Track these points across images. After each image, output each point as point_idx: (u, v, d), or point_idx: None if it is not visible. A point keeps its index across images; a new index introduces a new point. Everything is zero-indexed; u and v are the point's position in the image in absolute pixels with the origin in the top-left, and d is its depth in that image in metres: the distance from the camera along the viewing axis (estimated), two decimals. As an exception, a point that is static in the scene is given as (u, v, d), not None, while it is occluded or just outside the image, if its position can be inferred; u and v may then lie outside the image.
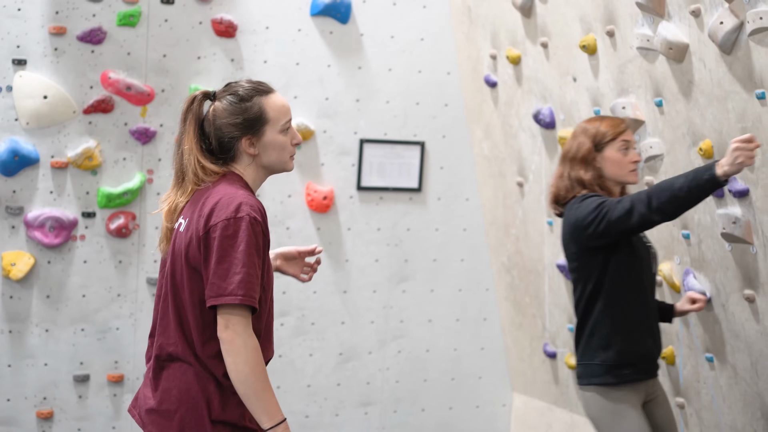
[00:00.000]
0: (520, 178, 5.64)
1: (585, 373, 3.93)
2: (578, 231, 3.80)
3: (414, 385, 6.09)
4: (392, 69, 5.93)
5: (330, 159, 5.85)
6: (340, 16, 5.77)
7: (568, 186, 3.92)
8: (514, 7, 5.28)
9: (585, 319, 3.90)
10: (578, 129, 4.03)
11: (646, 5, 4.32)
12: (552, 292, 5.57)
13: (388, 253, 6.01)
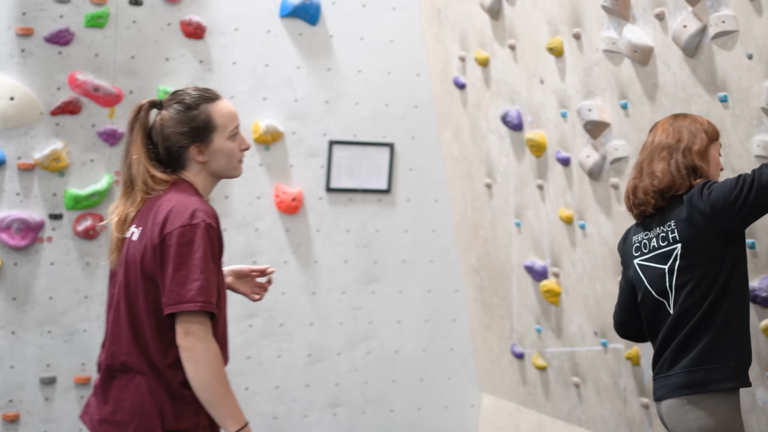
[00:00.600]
0: (488, 179, 5.66)
1: (712, 378, 3.41)
2: (722, 211, 3.37)
3: (383, 386, 6.11)
4: (362, 70, 5.94)
5: (299, 160, 5.85)
6: (309, 17, 5.78)
7: (683, 175, 3.52)
8: (483, 9, 5.30)
9: (708, 319, 3.43)
10: (685, 122, 3.61)
11: (611, 8, 4.35)
12: (520, 293, 5.60)
13: (357, 254, 6.02)
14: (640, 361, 4.79)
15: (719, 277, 3.41)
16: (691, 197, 3.46)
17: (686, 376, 3.43)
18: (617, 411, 5.05)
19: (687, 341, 3.45)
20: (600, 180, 4.76)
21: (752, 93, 3.82)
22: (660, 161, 3.55)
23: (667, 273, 3.51)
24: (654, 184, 3.53)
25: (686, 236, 3.46)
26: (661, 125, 3.65)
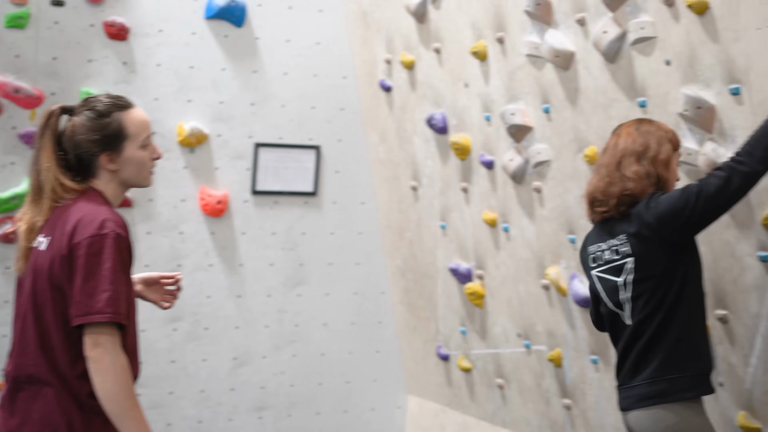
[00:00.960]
0: (414, 182, 5.69)
1: (672, 388, 3.44)
2: (669, 223, 3.40)
3: (309, 388, 6.10)
4: (288, 73, 5.93)
5: (224, 163, 5.83)
6: (235, 19, 5.76)
7: (651, 183, 3.53)
8: (408, 12, 5.33)
9: (664, 329, 3.46)
10: (651, 128, 3.60)
11: (534, 13, 4.40)
12: (445, 295, 5.63)
13: (283, 257, 6.01)
14: (562, 363, 4.84)
15: (672, 288, 3.45)
16: (639, 211, 3.48)
17: (648, 387, 3.47)
18: (540, 412, 5.10)
19: (646, 352, 3.49)
20: (523, 183, 4.81)
21: (670, 99, 3.88)
22: (631, 165, 3.54)
23: (621, 286, 3.55)
24: (628, 188, 3.51)
25: (637, 250, 3.49)
26: (625, 129, 3.63)
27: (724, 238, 3.82)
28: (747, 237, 3.74)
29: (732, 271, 3.84)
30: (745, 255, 3.77)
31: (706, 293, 3.91)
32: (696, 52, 3.73)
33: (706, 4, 3.62)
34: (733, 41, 3.57)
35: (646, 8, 3.89)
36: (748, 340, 3.85)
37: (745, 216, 3.71)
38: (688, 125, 3.82)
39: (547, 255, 4.78)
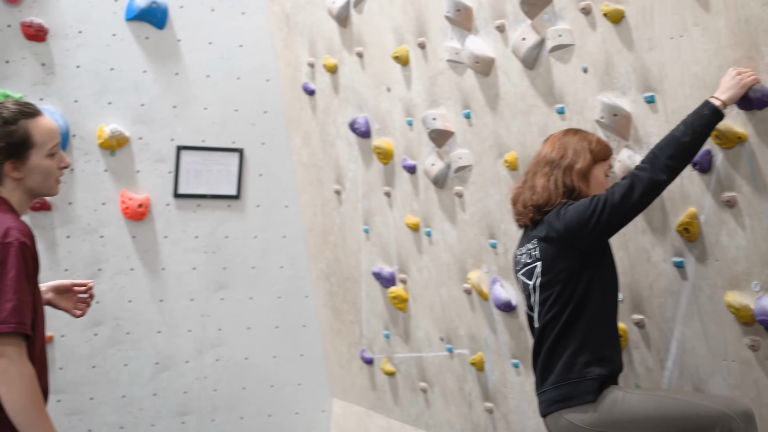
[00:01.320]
0: (337, 185, 5.68)
1: (576, 392, 3.48)
2: (576, 230, 3.44)
3: (232, 393, 6.06)
4: (210, 75, 5.88)
5: (146, 166, 5.76)
6: (156, 21, 5.69)
7: (560, 193, 3.57)
8: (331, 16, 5.31)
9: (566, 334, 3.50)
10: (573, 139, 3.65)
11: (454, 19, 4.41)
12: (369, 299, 5.63)
13: (206, 260, 5.96)
14: (484, 367, 4.86)
15: (575, 293, 3.51)
16: (550, 218, 3.55)
17: (554, 391, 3.54)
18: (463, 415, 5.12)
19: (550, 356, 3.55)
20: (445, 188, 4.82)
21: (587, 105, 3.92)
22: (542, 176, 3.61)
23: (532, 289, 3.63)
24: (533, 199, 3.60)
25: (545, 254, 3.56)
26: (551, 138, 3.71)
27: (641, 243, 3.87)
28: (662, 243, 3.79)
29: (648, 277, 3.89)
30: (661, 261, 3.82)
31: (623, 298, 3.97)
32: (612, 60, 3.77)
33: (622, 13, 3.67)
34: (648, 50, 3.62)
35: (563, 16, 3.92)
36: (664, 344, 3.91)
37: (660, 222, 3.77)
38: (605, 132, 3.86)
39: (468, 259, 4.80)
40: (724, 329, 3.65)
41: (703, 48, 3.42)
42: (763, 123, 3.30)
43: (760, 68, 3.26)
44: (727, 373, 3.68)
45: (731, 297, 3.56)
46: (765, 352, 3.53)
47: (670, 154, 3.32)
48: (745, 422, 3.33)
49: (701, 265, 3.66)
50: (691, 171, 3.58)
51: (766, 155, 3.32)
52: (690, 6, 3.42)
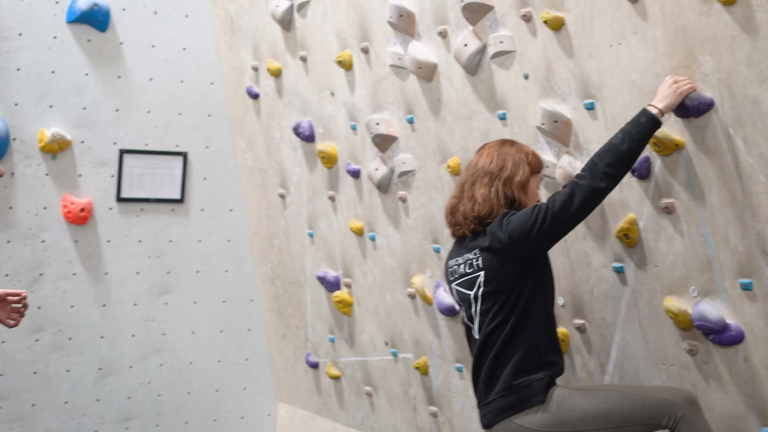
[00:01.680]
0: (282, 189, 5.66)
1: (525, 396, 3.49)
2: (518, 239, 3.45)
3: (177, 398, 6.02)
4: (153, 78, 5.84)
5: (88, 170, 5.70)
6: (98, 23, 5.64)
7: (502, 204, 3.57)
8: (274, 20, 5.29)
9: (512, 342, 3.50)
10: (511, 150, 3.65)
11: (397, 24, 4.41)
12: (314, 303, 5.62)
13: (149, 265, 5.91)
14: (428, 371, 4.88)
15: (520, 301, 3.52)
16: (492, 228, 3.54)
17: (502, 400, 3.52)
18: (408, 419, 5.13)
19: (496, 365, 3.54)
20: (389, 192, 4.83)
21: (528, 112, 3.94)
22: (482, 186, 3.61)
23: (473, 299, 3.61)
24: (474, 209, 3.59)
25: (488, 264, 3.55)
26: (487, 149, 3.70)
27: (581, 249, 3.90)
28: (602, 248, 3.82)
29: (589, 282, 3.93)
30: (601, 266, 3.85)
31: (565, 303, 4.00)
32: (552, 67, 3.79)
33: (562, 21, 3.69)
34: (588, 57, 3.64)
35: (504, 23, 3.94)
36: (605, 348, 3.94)
37: (600, 228, 3.80)
38: (546, 138, 3.89)
39: (412, 264, 4.81)
40: (663, 334, 3.69)
41: (641, 56, 3.45)
42: (699, 131, 3.34)
43: (697, 77, 3.29)
44: (666, 377, 3.73)
45: (670, 302, 3.60)
46: (703, 357, 3.58)
47: (609, 161, 3.34)
48: (691, 408, 3.36)
49: (640, 271, 3.70)
50: (630, 178, 3.61)
51: (703, 162, 3.36)
52: (628, 14, 3.45)
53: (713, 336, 3.49)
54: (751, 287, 3.33)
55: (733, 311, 3.42)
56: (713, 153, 3.32)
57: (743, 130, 3.20)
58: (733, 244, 3.34)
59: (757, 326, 3.36)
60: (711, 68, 3.24)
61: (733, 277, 3.38)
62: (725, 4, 3.14)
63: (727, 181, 3.30)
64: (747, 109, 3.17)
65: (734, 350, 3.46)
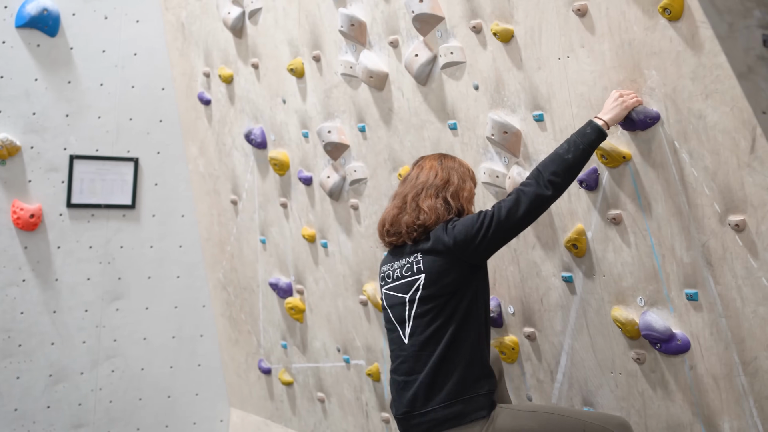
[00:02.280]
0: (234, 196, 5.65)
1: (468, 409, 3.46)
2: (463, 244, 3.45)
3: (128, 404, 5.99)
4: (104, 84, 5.80)
5: (38, 176, 5.66)
6: (47, 28, 5.59)
7: (445, 216, 3.57)
8: (226, 26, 5.28)
9: (453, 350, 3.49)
10: (454, 164, 3.68)
11: (348, 33, 4.43)
12: (266, 309, 5.62)
13: (100, 271, 5.88)
14: (380, 378, 4.89)
15: (460, 307, 3.51)
16: (437, 232, 3.55)
17: (444, 410, 3.48)
18: (360, 425, 5.14)
19: (437, 374, 3.49)
20: (340, 200, 4.84)
21: (479, 122, 3.97)
22: (428, 198, 3.60)
23: (407, 302, 3.58)
24: (420, 218, 3.57)
25: (429, 267, 3.54)
26: (428, 163, 3.69)
27: (531, 258, 3.94)
28: (551, 258, 3.86)
29: (538, 291, 3.96)
30: (550, 275, 3.89)
31: (515, 311, 4.04)
32: (502, 78, 3.82)
33: (511, 33, 3.72)
34: (537, 69, 3.68)
35: (455, 34, 3.96)
36: (554, 356, 3.98)
37: (550, 238, 3.84)
38: (496, 149, 3.92)
39: (364, 271, 4.83)
40: (611, 343, 3.74)
41: (589, 69, 3.49)
42: (646, 143, 3.39)
43: (643, 90, 3.34)
44: (615, 385, 3.77)
45: (617, 312, 3.65)
46: (650, 365, 3.62)
47: (554, 170, 3.38)
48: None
49: (589, 280, 3.74)
50: (578, 189, 3.65)
51: (649, 175, 3.41)
52: (576, 28, 3.49)
53: (660, 345, 3.54)
54: (697, 297, 3.39)
55: (679, 321, 3.47)
56: (659, 165, 3.37)
57: (688, 143, 3.25)
58: (679, 255, 3.40)
59: (702, 336, 3.41)
60: (657, 82, 3.29)
61: (679, 288, 3.43)
62: (671, 20, 3.18)
63: (673, 194, 3.35)
64: (692, 123, 3.22)
65: (680, 359, 3.52)
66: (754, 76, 2.02)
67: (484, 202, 4.05)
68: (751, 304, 3.23)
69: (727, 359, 3.36)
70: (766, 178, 3.07)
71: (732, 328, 3.31)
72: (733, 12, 1.96)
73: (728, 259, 3.25)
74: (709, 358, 3.41)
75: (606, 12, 3.38)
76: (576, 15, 3.48)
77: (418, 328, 3.55)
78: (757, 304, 3.21)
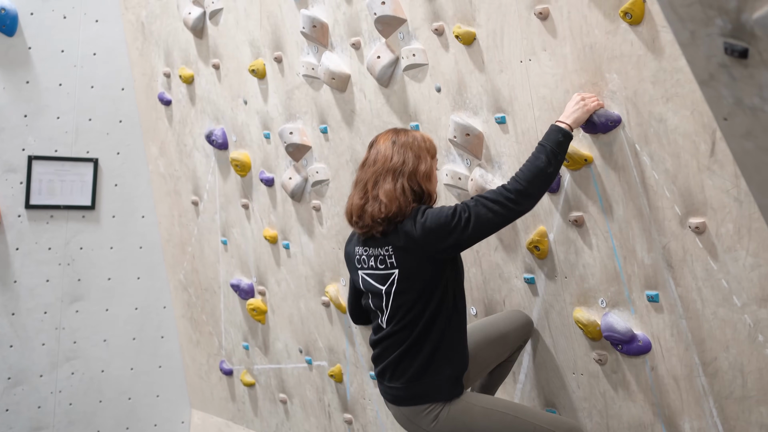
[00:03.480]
0: (195, 196, 5.62)
1: (429, 391, 3.51)
2: (436, 241, 3.39)
3: (89, 406, 5.95)
4: (63, 84, 5.76)
5: (-4, 177, 5.62)
6: (5, 28, 5.54)
7: (410, 201, 3.47)
8: (186, 27, 5.25)
9: (423, 337, 3.49)
10: (408, 140, 3.55)
11: (310, 35, 4.42)
12: (227, 310, 5.60)
13: (60, 272, 5.83)
14: (343, 379, 4.89)
15: (433, 299, 3.49)
16: (406, 227, 3.46)
17: (407, 390, 3.54)
18: (323, 426, 5.14)
19: (405, 356, 3.54)
20: (302, 201, 4.83)
21: (441, 124, 3.98)
22: (385, 184, 3.49)
23: (384, 294, 3.56)
24: (382, 210, 3.47)
25: (402, 263, 3.49)
26: (383, 143, 3.57)
27: (493, 260, 3.95)
28: (514, 260, 3.88)
29: (501, 292, 3.98)
30: (513, 277, 3.91)
31: (477, 312, 4.05)
32: (464, 80, 3.83)
33: (473, 36, 3.73)
34: (499, 72, 3.69)
35: (417, 36, 3.97)
36: (517, 357, 3.99)
37: (512, 240, 3.85)
38: (458, 151, 3.93)
39: (326, 272, 4.82)
40: (573, 344, 3.76)
41: (551, 72, 3.51)
42: (607, 146, 3.41)
43: (604, 94, 3.36)
44: (576, 385, 3.80)
45: (579, 313, 3.67)
46: (611, 366, 3.65)
47: (541, 186, 3.34)
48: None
49: (551, 282, 3.76)
50: (540, 191, 3.67)
51: (610, 177, 3.43)
52: (538, 31, 3.50)
53: (621, 346, 3.57)
54: (658, 299, 3.41)
55: (640, 322, 3.50)
56: (621, 168, 3.39)
57: (649, 146, 3.27)
58: (640, 257, 3.42)
59: (663, 337, 3.45)
60: (618, 86, 3.31)
61: (640, 289, 3.46)
62: (632, 24, 3.21)
63: (634, 196, 3.37)
64: (653, 127, 3.24)
65: (641, 360, 3.54)
66: (715, 83, 2.04)
67: (446, 204, 4.05)
68: (711, 305, 3.26)
69: (687, 360, 3.39)
70: (726, 181, 3.10)
71: (692, 329, 3.35)
72: (695, 20, 1.98)
73: (689, 261, 3.28)
74: (670, 359, 3.45)
75: (568, 15, 3.40)
76: (538, 18, 3.49)
77: (395, 318, 3.55)
78: (717, 306, 3.24)
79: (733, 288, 3.18)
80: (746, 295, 3.16)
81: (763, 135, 2.03)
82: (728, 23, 1.93)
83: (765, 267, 3.09)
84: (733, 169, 3.07)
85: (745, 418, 3.29)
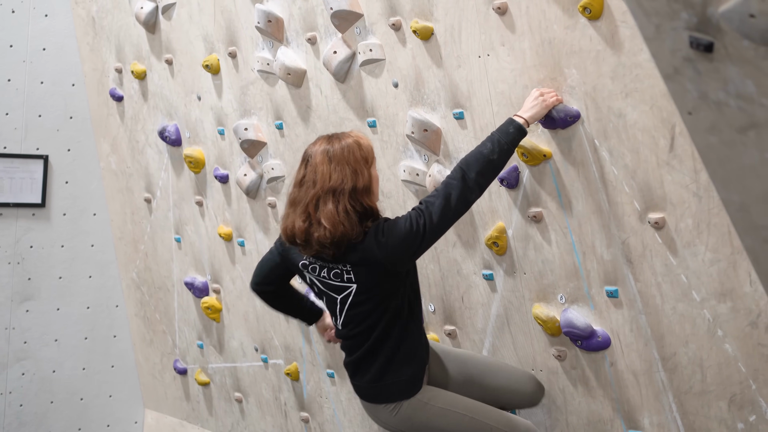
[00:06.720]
0: (147, 194, 5.55)
1: (390, 391, 3.50)
2: (400, 257, 3.30)
3: (40, 407, 5.86)
4: (12, 79, 5.66)
5: (-57, 174, 5.51)
6: (-48, 22, 5.44)
7: (356, 222, 3.29)
8: (138, 22, 5.18)
9: (381, 341, 3.45)
10: (342, 152, 3.38)
11: (265, 30, 4.37)
12: (181, 309, 5.53)
13: (9, 271, 5.74)
14: (299, 377, 4.85)
15: (389, 309, 3.45)
16: (367, 246, 3.34)
17: (369, 390, 3.55)
18: (279, 425, 5.10)
19: (363, 360, 3.53)
20: (258, 198, 4.78)
21: (398, 120, 3.95)
22: (325, 206, 3.32)
23: (339, 302, 3.51)
24: (328, 236, 3.30)
25: (361, 279, 3.41)
26: (319, 157, 3.39)
27: (452, 256, 3.93)
28: (472, 256, 3.86)
29: (459, 289, 3.96)
30: (471, 273, 3.89)
31: (435, 309, 4.03)
32: (422, 76, 3.81)
33: (431, 31, 3.70)
34: (457, 67, 3.67)
35: (374, 31, 3.93)
36: (475, 354, 3.98)
37: (470, 236, 3.83)
38: (416, 146, 3.90)
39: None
40: (532, 340, 3.75)
41: (509, 67, 3.49)
42: (566, 142, 3.40)
43: (563, 89, 3.35)
44: (535, 382, 3.79)
45: (538, 309, 3.66)
46: (571, 362, 3.65)
47: (479, 170, 3.29)
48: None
49: (510, 278, 3.75)
50: (499, 187, 3.65)
51: (569, 173, 3.42)
52: (496, 26, 3.48)
53: (581, 342, 3.56)
54: (617, 294, 3.41)
55: (599, 318, 3.50)
56: (580, 164, 3.38)
57: (608, 142, 3.27)
58: (599, 252, 3.42)
59: (622, 332, 3.44)
60: (577, 81, 3.30)
61: (600, 285, 3.46)
62: (591, 19, 3.20)
63: (593, 192, 3.37)
64: (612, 122, 3.24)
65: (601, 356, 3.54)
66: (680, 78, 2.02)
67: (404, 200, 4.03)
68: (670, 300, 3.26)
69: (646, 355, 3.39)
70: (685, 176, 3.10)
71: (651, 324, 3.35)
72: (660, 14, 1.96)
73: (648, 256, 3.28)
74: (629, 354, 3.44)
75: (526, 10, 3.39)
76: (496, 13, 3.47)
77: (350, 324, 3.51)
78: (676, 301, 3.25)
79: (692, 283, 3.19)
80: (705, 290, 3.16)
81: (728, 129, 2.02)
82: (694, 17, 1.91)
83: (724, 262, 3.09)
84: (692, 164, 3.08)
85: (705, 412, 3.29)
